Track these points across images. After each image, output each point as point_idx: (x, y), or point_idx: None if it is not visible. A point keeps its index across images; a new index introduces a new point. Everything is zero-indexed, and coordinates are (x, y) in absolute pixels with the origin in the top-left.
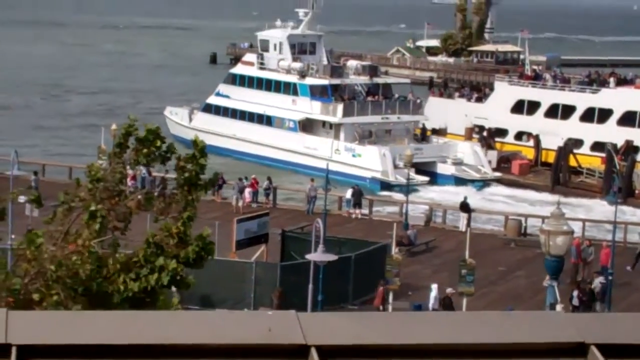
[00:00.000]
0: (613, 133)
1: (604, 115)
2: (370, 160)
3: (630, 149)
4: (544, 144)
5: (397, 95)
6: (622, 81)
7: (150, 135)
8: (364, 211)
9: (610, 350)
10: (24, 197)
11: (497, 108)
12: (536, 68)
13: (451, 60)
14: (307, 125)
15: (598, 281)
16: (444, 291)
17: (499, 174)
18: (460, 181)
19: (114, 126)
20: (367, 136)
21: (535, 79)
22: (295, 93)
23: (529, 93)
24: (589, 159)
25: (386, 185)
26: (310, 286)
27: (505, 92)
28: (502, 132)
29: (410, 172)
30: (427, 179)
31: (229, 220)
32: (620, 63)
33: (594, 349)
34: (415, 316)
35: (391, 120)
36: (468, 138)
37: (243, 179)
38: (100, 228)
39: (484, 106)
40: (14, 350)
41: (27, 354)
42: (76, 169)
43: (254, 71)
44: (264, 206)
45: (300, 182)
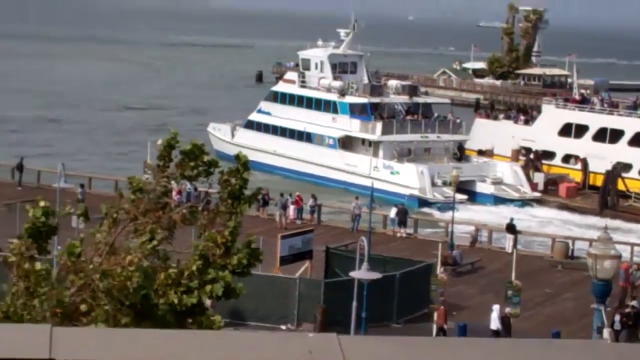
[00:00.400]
0: None
1: None
2: (408, 178)
3: None
4: (592, 167)
5: (437, 115)
6: None
7: (195, 149)
8: (409, 230)
9: None
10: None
11: (545, 130)
12: (584, 92)
13: (498, 82)
14: (347, 143)
15: (632, 305)
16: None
17: (538, 194)
18: (499, 200)
19: (159, 141)
20: (406, 154)
21: (582, 102)
22: (335, 111)
23: (577, 116)
24: (637, 183)
25: (424, 203)
26: (355, 303)
27: (553, 115)
28: (550, 155)
29: (448, 190)
30: (466, 197)
31: (273, 236)
32: None
33: None
34: (454, 342)
35: (430, 139)
36: (515, 160)
37: (286, 195)
38: (154, 247)
39: (532, 128)
40: None
41: None
42: (122, 182)
43: (295, 89)
44: (308, 223)
45: (344, 200)
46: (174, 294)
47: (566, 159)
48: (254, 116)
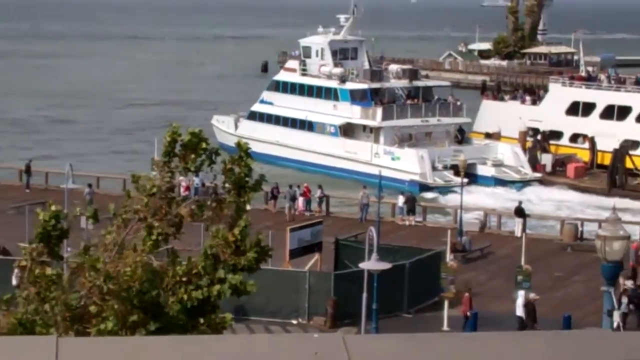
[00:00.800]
0: None
1: None
2: (408, 163)
3: None
4: (600, 146)
5: (437, 98)
6: None
7: (194, 138)
8: (418, 218)
9: None
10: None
11: (552, 110)
12: (590, 69)
13: (504, 63)
14: (348, 130)
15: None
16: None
17: (539, 175)
18: (500, 182)
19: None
20: (407, 139)
21: (589, 80)
22: (336, 98)
23: (584, 94)
24: None
25: (425, 188)
26: (365, 295)
27: (559, 94)
28: (557, 135)
29: (449, 174)
30: (466, 180)
31: (283, 229)
32: None
33: None
34: (458, 338)
35: (431, 123)
36: (522, 141)
37: (294, 186)
38: (156, 242)
39: (539, 108)
40: None
41: None
42: (130, 180)
43: (296, 77)
44: (317, 214)
45: (350, 189)
46: (183, 292)
47: (574, 138)
48: (257, 107)
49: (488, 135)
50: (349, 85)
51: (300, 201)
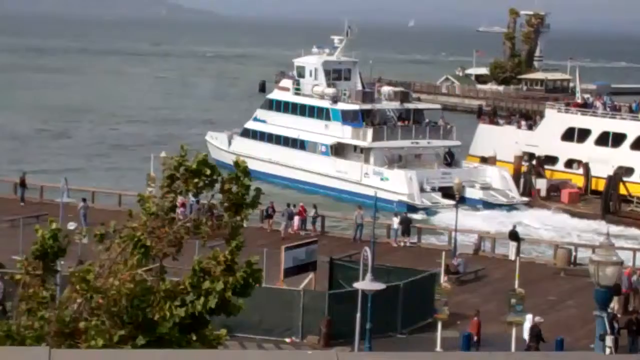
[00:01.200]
0: None
1: None
2: (397, 184)
3: None
4: (594, 172)
5: (428, 120)
6: None
7: (201, 166)
8: (413, 239)
9: None
10: (73, 224)
11: (548, 135)
12: (586, 96)
13: (500, 88)
14: (339, 150)
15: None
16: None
17: (525, 199)
18: (488, 205)
19: (163, 153)
20: (397, 160)
21: (584, 106)
22: (327, 118)
23: (579, 121)
24: (639, 188)
25: (412, 209)
26: (358, 315)
27: (555, 120)
28: (552, 160)
29: (437, 196)
30: (453, 202)
31: (277, 247)
32: None
33: None
34: (455, 357)
35: (421, 145)
36: (517, 166)
37: (291, 205)
38: (143, 257)
39: (534, 134)
40: None
41: None
42: (125, 196)
43: (289, 96)
44: (312, 234)
45: (346, 209)
46: (167, 308)
47: (569, 163)
48: (250, 124)
49: (484, 159)
50: (341, 105)
51: (295, 220)
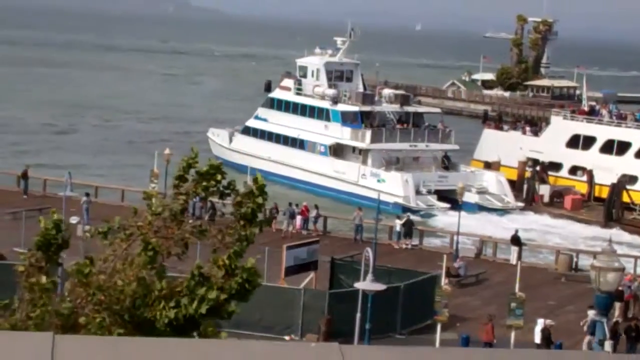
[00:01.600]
0: None
1: None
2: (393, 186)
3: None
4: (598, 179)
5: (427, 124)
6: None
7: (211, 170)
8: (414, 242)
9: None
10: (76, 218)
11: (553, 142)
12: (593, 104)
13: (506, 94)
14: (338, 150)
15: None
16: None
17: (521, 204)
18: (483, 209)
19: (167, 150)
20: (394, 162)
21: (591, 114)
22: (327, 118)
23: (584, 128)
24: None
25: (407, 211)
26: (358, 315)
27: (561, 127)
28: (557, 166)
29: (432, 199)
30: (448, 205)
31: (279, 246)
32: None
33: None
34: (454, 352)
35: (419, 148)
36: (521, 171)
37: (293, 204)
38: (152, 259)
39: (539, 140)
40: None
41: None
42: (128, 191)
43: (290, 96)
44: (314, 233)
45: (349, 210)
46: (160, 308)
47: (573, 170)
48: (251, 122)
49: (488, 164)
50: (341, 106)
51: (298, 220)
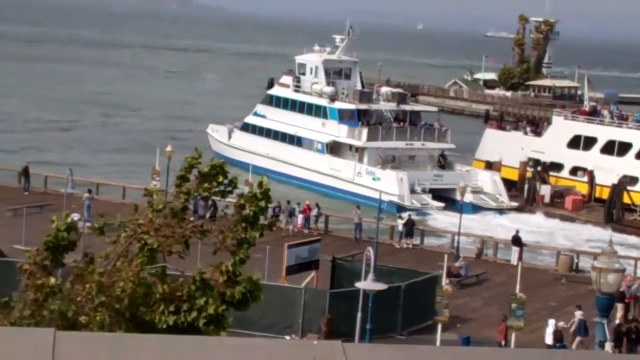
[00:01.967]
0: None
1: None
2: (387, 184)
3: None
4: (599, 180)
5: (424, 122)
6: None
7: (213, 170)
8: (415, 241)
9: None
10: (77, 215)
11: (554, 142)
12: (595, 104)
13: (508, 94)
14: (335, 148)
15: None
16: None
17: (514, 204)
18: (477, 209)
19: (169, 148)
20: (390, 161)
21: (592, 114)
22: (325, 116)
23: (586, 128)
24: None
25: (402, 209)
26: (359, 314)
27: (562, 127)
28: (558, 167)
29: (427, 197)
30: (442, 204)
31: (280, 245)
32: None
33: None
34: (455, 351)
35: (415, 147)
36: (522, 171)
37: (293, 203)
38: (150, 259)
39: (541, 140)
40: None
41: None
42: (129, 189)
43: (288, 93)
44: (315, 232)
45: (350, 209)
46: (160, 311)
47: (574, 171)
48: (250, 119)
49: (489, 164)
50: (338, 104)
51: (299, 218)
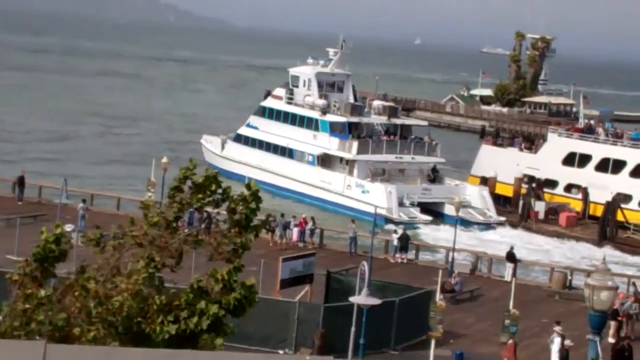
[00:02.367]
0: None
1: None
2: (376, 197)
3: None
4: (593, 197)
5: (414, 136)
6: None
7: (207, 181)
8: (410, 256)
9: None
10: (71, 226)
11: (549, 159)
12: (590, 122)
13: (504, 110)
14: (326, 160)
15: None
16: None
17: (502, 218)
18: (465, 223)
19: (165, 159)
20: (380, 174)
21: (588, 132)
22: (316, 128)
23: (581, 146)
24: (636, 215)
25: (390, 222)
26: (353, 329)
27: (557, 144)
28: (552, 184)
29: (415, 211)
30: (430, 218)
31: (275, 258)
32: None
33: None
34: None
35: (405, 160)
36: (517, 188)
37: (287, 217)
38: (150, 274)
39: (536, 157)
40: None
41: None
42: (124, 199)
43: (281, 105)
44: (310, 246)
45: (345, 223)
46: (159, 322)
47: (568, 188)
48: (243, 130)
49: (484, 180)
50: (329, 117)
51: (295, 232)
